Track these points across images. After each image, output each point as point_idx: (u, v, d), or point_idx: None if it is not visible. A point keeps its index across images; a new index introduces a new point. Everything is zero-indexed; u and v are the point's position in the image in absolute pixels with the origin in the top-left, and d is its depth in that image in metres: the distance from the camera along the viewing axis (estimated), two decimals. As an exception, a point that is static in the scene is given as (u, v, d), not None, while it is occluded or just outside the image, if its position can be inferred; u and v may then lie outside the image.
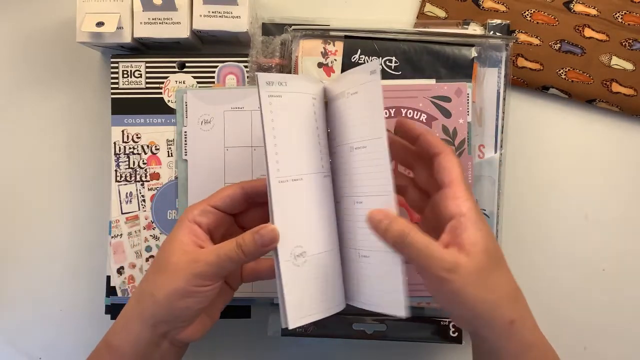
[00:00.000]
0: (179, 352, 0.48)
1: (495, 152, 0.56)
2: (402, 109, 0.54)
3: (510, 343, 0.42)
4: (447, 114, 0.54)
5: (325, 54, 0.56)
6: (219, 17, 0.55)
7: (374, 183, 0.45)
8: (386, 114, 0.54)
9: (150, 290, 0.45)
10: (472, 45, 0.55)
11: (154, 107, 0.57)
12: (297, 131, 0.46)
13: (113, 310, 0.56)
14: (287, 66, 0.56)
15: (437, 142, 0.46)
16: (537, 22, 0.59)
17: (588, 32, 0.59)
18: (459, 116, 0.54)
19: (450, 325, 0.55)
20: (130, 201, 0.56)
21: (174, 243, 0.45)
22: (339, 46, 0.56)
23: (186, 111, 0.55)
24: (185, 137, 0.55)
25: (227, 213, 0.48)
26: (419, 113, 0.54)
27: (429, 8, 0.60)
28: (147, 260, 0.56)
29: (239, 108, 0.55)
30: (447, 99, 0.54)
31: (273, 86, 0.45)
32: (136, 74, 0.57)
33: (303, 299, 0.45)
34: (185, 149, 0.55)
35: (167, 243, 0.46)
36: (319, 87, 0.48)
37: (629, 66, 0.59)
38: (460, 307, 0.42)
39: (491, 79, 0.56)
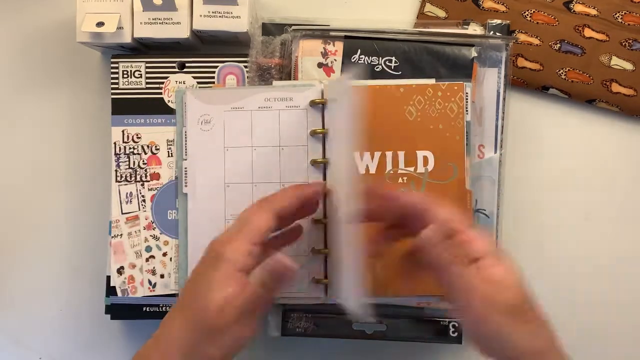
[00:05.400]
0: None
1: (495, 152, 0.56)
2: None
3: None
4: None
5: (325, 54, 0.56)
6: (219, 17, 0.55)
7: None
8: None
9: (205, 354, 0.41)
10: (472, 45, 0.55)
11: (154, 107, 0.57)
12: None
13: (113, 310, 0.56)
14: (287, 66, 0.56)
15: (420, 200, 0.44)
16: (537, 22, 0.59)
17: (588, 32, 0.59)
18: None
19: (450, 325, 0.55)
20: (131, 201, 0.56)
21: (212, 300, 0.40)
22: (339, 46, 0.56)
23: (185, 111, 0.55)
24: (186, 138, 0.55)
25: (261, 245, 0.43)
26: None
27: (429, 8, 0.60)
28: (147, 260, 0.56)
29: (238, 108, 0.55)
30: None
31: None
32: (136, 74, 0.57)
33: None
34: (186, 150, 0.55)
35: (203, 298, 0.40)
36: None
37: (629, 66, 0.59)
38: (501, 349, 0.40)
39: (491, 79, 0.56)
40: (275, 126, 0.54)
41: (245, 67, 0.57)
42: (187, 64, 0.57)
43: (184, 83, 0.57)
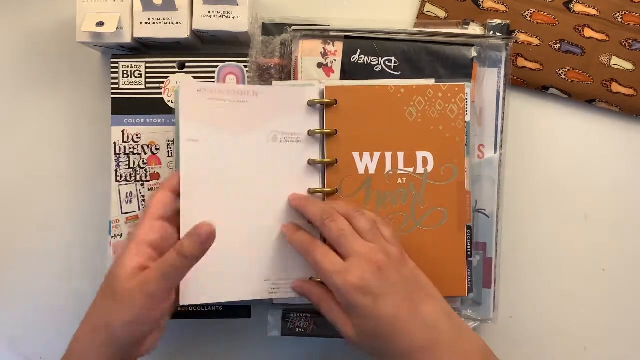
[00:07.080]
0: None
1: (495, 152, 0.56)
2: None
3: None
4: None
5: (325, 54, 0.56)
6: (219, 17, 0.55)
7: None
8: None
9: (106, 321, 0.44)
10: (472, 45, 0.55)
11: (154, 107, 0.57)
12: None
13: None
14: (287, 66, 0.56)
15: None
16: (537, 22, 0.59)
17: (588, 32, 0.59)
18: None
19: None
20: (131, 201, 0.56)
21: (121, 268, 0.44)
22: (339, 46, 0.56)
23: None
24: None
25: (166, 219, 0.47)
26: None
27: (429, 8, 0.60)
28: (147, 260, 0.56)
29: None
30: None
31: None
32: (136, 74, 0.57)
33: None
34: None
35: (115, 268, 0.45)
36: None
37: (628, 66, 0.59)
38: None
39: (491, 78, 0.56)
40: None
41: (245, 67, 0.57)
42: (187, 64, 0.57)
43: (184, 83, 0.57)
